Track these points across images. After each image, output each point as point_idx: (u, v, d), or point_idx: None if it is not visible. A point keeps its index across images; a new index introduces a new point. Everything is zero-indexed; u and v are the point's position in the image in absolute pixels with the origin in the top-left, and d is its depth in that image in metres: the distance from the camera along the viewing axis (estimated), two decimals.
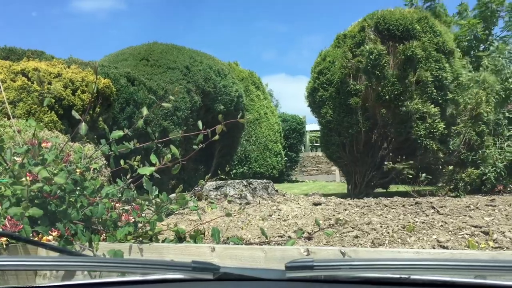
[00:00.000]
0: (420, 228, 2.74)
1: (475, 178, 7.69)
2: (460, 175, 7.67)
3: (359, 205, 3.48)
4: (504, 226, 2.69)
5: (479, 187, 7.86)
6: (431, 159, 7.15)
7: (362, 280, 1.04)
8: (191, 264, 1.04)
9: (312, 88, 7.28)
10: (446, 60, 6.79)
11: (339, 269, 1.05)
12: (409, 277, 1.00)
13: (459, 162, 7.66)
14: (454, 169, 7.57)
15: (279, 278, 1.08)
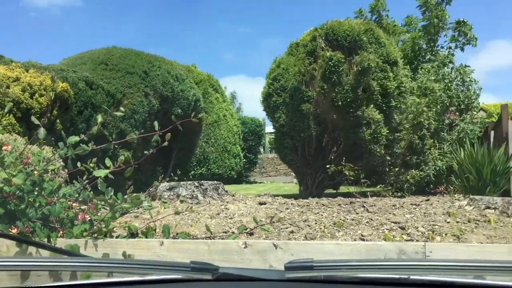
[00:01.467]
0: (349, 224, 3.11)
1: (419, 180, 8.26)
2: (405, 177, 8.22)
3: (300, 205, 3.82)
4: (419, 222, 3.10)
5: (424, 188, 8.44)
6: (378, 162, 7.64)
7: (361, 280, 1.05)
8: (190, 265, 1.05)
9: (267, 94, 7.62)
10: (390, 70, 7.29)
11: (339, 269, 1.08)
12: (408, 277, 1.02)
13: (403, 164, 8.21)
14: (399, 171, 8.11)
15: (278, 279, 1.08)
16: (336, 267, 1.09)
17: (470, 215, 3.30)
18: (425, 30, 11.58)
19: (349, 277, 1.07)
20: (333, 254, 2.44)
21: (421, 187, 8.29)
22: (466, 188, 6.40)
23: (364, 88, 6.95)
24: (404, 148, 7.97)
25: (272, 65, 7.83)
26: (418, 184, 8.28)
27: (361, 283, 1.05)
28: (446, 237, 2.78)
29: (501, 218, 3.33)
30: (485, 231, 2.96)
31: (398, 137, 7.52)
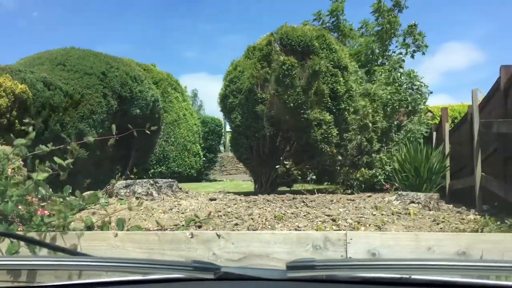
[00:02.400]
0: (288, 217, 3.47)
1: (368, 178, 8.79)
2: (354, 175, 8.73)
3: (248, 200, 4.16)
4: (350, 215, 3.50)
5: (373, 185, 8.97)
6: (330, 161, 8.10)
7: (363, 280, 1.05)
8: (192, 264, 1.06)
9: (224, 95, 7.93)
10: (341, 75, 7.74)
11: (340, 269, 1.08)
12: (410, 277, 1.02)
13: (353, 164, 8.72)
14: (349, 170, 8.61)
15: (280, 278, 1.08)
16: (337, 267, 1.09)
17: (395, 209, 3.73)
18: (378, 35, 12.17)
19: (350, 277, 1.07)
20: (269, 242, 2.79)
21: (371, 185, 8.80)
22: (406, 186, 6.94)
23: (315, 91, 7.36)
24: (354, 148, 8.46)
25: (229, 68, 8.14)
26: (368, 182, 8.80)
27: (363, 282, 1.05)
28: (369, 227, 3.19)
29: (421, 212, 3.79)
30: (405, 222, 3.39)
31: (347, 137, 7.98)
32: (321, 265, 1.05)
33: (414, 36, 11.96)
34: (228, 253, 2.77)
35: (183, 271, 1.07)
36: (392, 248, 2.71)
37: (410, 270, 1.04)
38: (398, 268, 1.05)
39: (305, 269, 1.05)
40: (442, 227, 3.29)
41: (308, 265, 1.04)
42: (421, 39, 11.91)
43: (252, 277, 1.09)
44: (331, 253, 2.72)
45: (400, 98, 10.28)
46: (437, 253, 2.68)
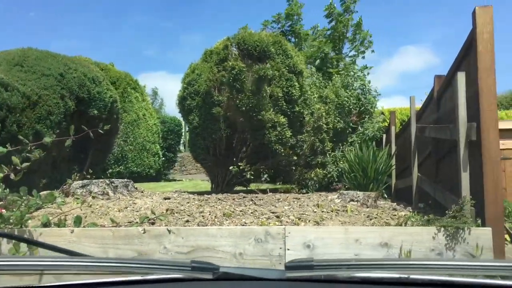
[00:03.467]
0: (236, 215, 3.74)
1: (322, 178, 9.19)
2: (309, 175, 9.11)
3: (201, 199, 4.41)
4: (293, 212, 3.81)
5: (327, 185, 9.37)
6: (285, 162, 8.44)
7: (361, 279, 1.05)
8: (190, 264, 1.06)
9: (182, 97, 8.12)
10: (296, 79, 8.09)
11: (339, 269, 1.09)
12: (408, 276, 1.02)
13: (307, 164, 9.09)
14: (302, 170, 8.98)
15: (279, 278, 1.08)
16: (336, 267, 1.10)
17: (335, 206, 4.08)
18: (330, 38, 12.67)
19: (349, 277, 1.07)
20: (215, 236, 3.06)
21: (325, 184, 9.20)
22: (355, 185, 7.35)
23: (270, 94, 7.69)
24: (307, 149, 8.83)
25: (187, 71, 8.34)
26: (322, 182, 9.19)
27: (361, 282, 1.05)
28: (309, 223, 3.51)
29: (359, 209, 4.15)
30: (342, 218, 3.74)
31: (301, 139, 8.34)
32: (320, 265, 1.06)
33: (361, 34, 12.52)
34: (178, 247, 3.03)
35: (182, 271, 1.07)
36: (324, 241, 3.05)
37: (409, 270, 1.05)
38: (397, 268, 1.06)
39: (304, 269, 1.05)
40: (374, 222, 3.66)
41: (307, 265, 1.05)
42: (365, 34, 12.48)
43: (250, 277, 1.09)
44: (271, 246, 3.03)
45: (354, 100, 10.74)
46: (363, 244, 3.04)
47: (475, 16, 3.27)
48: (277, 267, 3.01)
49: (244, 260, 2.98)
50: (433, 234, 3.03)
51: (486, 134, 3.15)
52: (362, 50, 12.74)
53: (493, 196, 3.09)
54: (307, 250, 3.02)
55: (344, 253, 3.01)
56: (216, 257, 2.99)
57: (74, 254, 1.46)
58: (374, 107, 11.69)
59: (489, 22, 3.23)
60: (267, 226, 3.14)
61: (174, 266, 1.13)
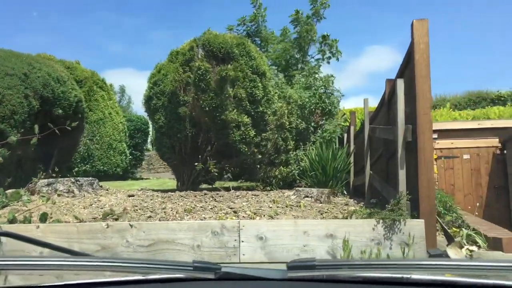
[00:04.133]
0: (197, 210, 3.98)
1: (286, 175, 9.50)
2: (273, 173, 9.40)
3: (164, 196, 4.62)
4: (250, 208, 4.08)
5: (291, 182, 9.69)
6: (250, 160, 8.70)
7: (363, 279, 1.05)
8: (192, 264, 1.06)
9: (148, 96, 8.25)
10: (259, 80, 8.35)
11: (341, 268, 1.09)
12: (410, 276, 1.01)
13: (271, 162, 9.39)
14: (266, 168, 9.27)
15: (280, 278, 1.08)
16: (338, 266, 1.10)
17: (290, 202, 4.37)
18: (297, 42, 13.01)
19: (351, 276, 1.07)
20: (175, 230, 3.29)
21: (289, 181, 9.51)
22: (315, 182, 7.70)
23: (234, 95, 7.92)
24: (271, 148, 9.13)
25: (153, 71, 8.48)
26: (286, 179, 9.50)
27: (363, 282, 1.05)
28: (264, 217, 3.79)
29: (312, 204, 4.46)
30: (295, 213, 4.03)
31: (265, 137, 8.62)
32: (321, 265, 1.06)
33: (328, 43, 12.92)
34: (140, 240, 3.25)
35: (184, 271, 1.07)
36: (276, 233, 3.33)
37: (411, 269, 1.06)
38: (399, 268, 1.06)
39: (306, 269, 1.05)
40: (324, 216, 3.97)
41: (309, 265, 1.05)
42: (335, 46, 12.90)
43: (252, 277, 1.09)
44: (226, 238, 3.28)
45: (316, 101, 11.11)
46: (311, 235, 3.34)
47: (413, 28, 3.61)
48: (232, 258, 3.27)
49: (201, 251, 3.23)
50: (373, 226, 3.35)
51: (422, 136, 3.49)
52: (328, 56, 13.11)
53: (426, 191, 3.44)
54: (260, 241, 3.29)
55: (293, 244, 3.29)
56: (175, 249, 3.22)
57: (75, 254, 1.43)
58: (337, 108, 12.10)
59: (425, 34, 3.58)
60: (223, 220, 3.39)
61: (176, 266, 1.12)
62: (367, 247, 3.29)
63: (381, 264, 1.13)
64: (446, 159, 7.98)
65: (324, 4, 13.04)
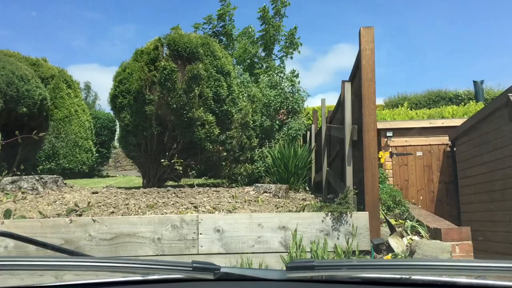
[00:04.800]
0: (159, 206, 4.17)
1: (251, 172, 9.76)
2: (238, 170, 9.65)
3: (128, 193, 4.78)
4: (210, 203, 4.29)
5: (256, 179, 9.95)
6: (215, 157, 8.91)
7: (362, 280, 1.05)
8: (191, 264, 1.05)
9: (114, 95, 8.33)
10: (224, 79, 8.56)
11: (340, 269, 1.07)
12: (410, 277, 1.02)
13: (236, 159, 9.63)
14: (231, 165, 9.51)
15: (279, 279, 1.09)
16: (337, 267, 1.08)
17: (248, 197, 4.62)
18: (263, 39, 13.27)
19: (350, 277, 1.07)
20: (136, 224, 3.48)
21: (255, 178, 9.76)
22: (277, 179, 7.98)
23: (199, 94, 8.11)
24: (236, 145, 9.36)
25: (118, 69, 8.56)
26: (251, 176, 9.75)
27: (362, 283, 1.05)
28: (222, 212, 4.01)
29: (270, 199, 4.72)
30: (252, 207, 4.27)
31: (229, 135, 8.84)
32: (320, 266, 1.05)
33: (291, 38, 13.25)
34: (102, 234, 3.42)
35: (183, 271, 1.06)
36: (232, 226, 3.56)
37: (410, 270, 1.03)
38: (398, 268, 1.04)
39: (305, 269, 1.04)
40: (280, 210, 4.23)
41: (308, 265, 1.03)
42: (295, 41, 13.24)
43: (251, 278, 1.09)
44: (185, 231, 3.50)
45: (282, 100, 11.41)
46: (265, 228, 3.59)
47: (360, 35, 3.91)
48: (191, 250, 3.49)
49: (161, 244, 3.44)
50: (322, 218, 3.64)
51: (367, 135, 3.80)
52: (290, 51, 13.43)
53: (371, 186, 3.75)
54: (217, 234, 3.53)
55: (248, 236, 3.54)
56: (136, 242, 3.41)
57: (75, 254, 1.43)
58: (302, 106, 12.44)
59: (371, 41, 3.88)
60: (182, 215, 3.60)
61: (175, 266, 1.10)
62: (316, 238, 3.57)
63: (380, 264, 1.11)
64: (400, 156, 8.42)
65: (284, 2, 13.33)
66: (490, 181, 6.59)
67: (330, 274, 1.08)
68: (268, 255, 3.50)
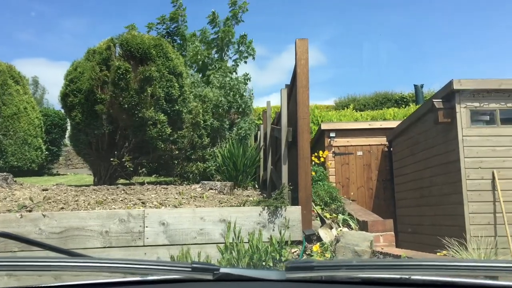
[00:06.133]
0: (108, 202, 4.40)
1: (203, 171, 10.02)
2: (190, 168, 9.89)
3: (78, 190, 4.97)
4: (158, 199, 4.57)
5: (208, 177, 10.22)
6: (167, 156, 9.12)
7: (362, 280, 1.05)
8: (191, 265, 1.05)
9: (65, 93, 8.38)
10: (176, 80, 8.78)
11: (339, 269, 1.07)
12: (409, 277, 1.02)
13: (187, 158, 9.87)
14: (183, 164, 9.74)
15: (279, 279, 1.09)
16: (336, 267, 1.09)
17: (195, 194, 4.92)
18: (215, 42, 13.55)
19: (349, 277, 1.07)
20: (85, 218, 3.71)
21: (206, 176, 10.03)
22: (227, 177, 8.31)
23: (152, 94, 8.30)
24: (187, 144, 9.61)
25: (69, 68, 8.60)
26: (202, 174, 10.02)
27: (362, 283, 1.05)
28: (168, 207, 4.30)
29: (215, 195, 5.04)
30: (198, 203, 4.58)
31: (181, 134, 9.09)
32: (320, 266, 1.05)
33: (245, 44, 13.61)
34: (52, 228, 3.64)
35: (182, 272, 1.06)
36: (176, 219, 3.87)
37: (410, 270, 1.03)
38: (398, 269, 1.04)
39: (304, 270, 1.04)
40: (223, 205, 4.56)
41: (307, 266, 1.04)
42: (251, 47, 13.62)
43: (250, 278, 1.09)
44: (132, 224, 3.77)
45: (231, 100, 11.74)
46: (207, 221, 3.92)
47: (296, 46, 4.30)
48: (137, 242, 3.76)
49: (109, 236, 3.69)
50: (259, 212, 4.00)
51: (301, 136, 4.20)
52: (245, 56, 13.77)
53: (304, 182, 4.15)
54: (162, 227, 3.82)
55: (191, 228, 3.86)
56: (85, 235, 3.65)
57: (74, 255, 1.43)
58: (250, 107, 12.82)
59: (305, 51, 4.28)
60: (130, 209, 3.87)
61: (174, 267, 1.11)
62: (253, 229, 3.93)
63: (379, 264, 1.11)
64: (342, 155, 8.98)
65: (242, 8, 13.69)
66: (420, 178, 7.22)
67: (330, 274, 1.08)
68: (209, 246, 3.83)
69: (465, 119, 5.89)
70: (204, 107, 9.71)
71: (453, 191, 6.00)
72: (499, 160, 5.81)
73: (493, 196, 5.71)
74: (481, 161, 5.81)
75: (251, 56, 13.91)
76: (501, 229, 5.60)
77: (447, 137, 6.18)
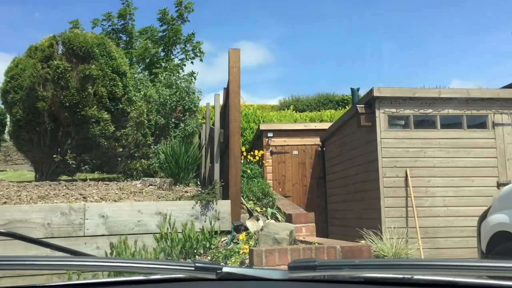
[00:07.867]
0: (50, 197, 4.65)
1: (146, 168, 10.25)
2: (134, 165, 10.10)
3: (20, 186, 5.17)
4: (99, 194, 4.87)
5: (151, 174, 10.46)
6: (111, 153, 9.30)
7: (364, 280, 1.07)
8: (193, 264, 1.05)
9: (5, 90, 8.37)
10: (119, 79, 8.97)
11: (342, 269, 1.06)
12: (412, 277, 1.04)
13: (131, 156, 10.08)
14: (127, 161, 9.94)
15: (281, 278, 1.10)
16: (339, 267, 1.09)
17: (135, 189, 5.26)
18: (162, 40, 13.76)
19: (352, 277, 1.08)
20: (28, 212, 3.98)
21: (150, 173, 10.27)
22: (169, 174, 8.63)
23: (94, 93, 8.47)
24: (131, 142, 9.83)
25: (10, 64, 8.60)
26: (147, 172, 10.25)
27: (365, 282, 1.06)
28: (109, 201, 4.63)
29: (154, 191, 5.40)
30: (137, 198, 4.93)
31: (125, 133, 9.30)
32: (322, 265, 1.04)
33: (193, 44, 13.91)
34: None
35: (185, 271, 1.06)
36: (115, 212, 4.22)
37: (412, 270, 1.03)
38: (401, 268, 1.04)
39: (307, 269, 1.04)
40: (161, 200, 4.94)
41: (310, 265, 1.03)
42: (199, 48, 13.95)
43: (253, 277, 1.10)
44: (73, 217, 4.08)
45: (177, 99, 12.03)
46: (144, 213, 4.29)
47: (229, 55, 4.75)
48: (78, 232, 4.07)
49: (51, 228, 3.98)
50: (193, 205, 4.43)
51: (232, 138, 4.65)
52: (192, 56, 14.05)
53: (234, 179, 4.62)
54: (102, 219, 4.15)
55: (129, 220, 4.22)
56: (28, 226, 3.92)
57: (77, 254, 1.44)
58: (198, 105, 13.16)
59: (237, 60, 4.74)
60: (71, 203, 4.17)
61: (177, 266, 1.10)
62: (187, 221, 4.35)
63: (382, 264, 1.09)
64: (279, 154, 9.56)
65: (188, 8, 13.97)
66: (347, 176, 7.92)
67: (332, 274, 1.08)
68: (146, 236, 4.21)
69: (383, 123, 6.60)
70: (149, 107, 9.96)
71: (373, 187, 6.69)
72: (412, 160, 6.57)
73: (405, 192, 6.45)
74: (396, 161, 6.54)
75: (199, 58, 14.21)
76: (411, 221, 6.35)
77: (368, 139, 6.88)
